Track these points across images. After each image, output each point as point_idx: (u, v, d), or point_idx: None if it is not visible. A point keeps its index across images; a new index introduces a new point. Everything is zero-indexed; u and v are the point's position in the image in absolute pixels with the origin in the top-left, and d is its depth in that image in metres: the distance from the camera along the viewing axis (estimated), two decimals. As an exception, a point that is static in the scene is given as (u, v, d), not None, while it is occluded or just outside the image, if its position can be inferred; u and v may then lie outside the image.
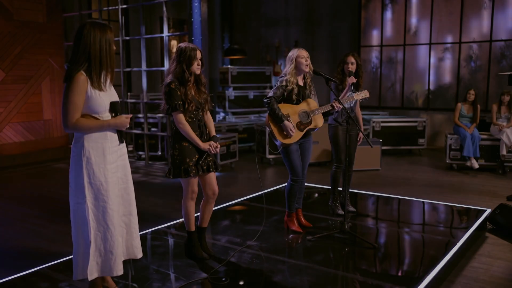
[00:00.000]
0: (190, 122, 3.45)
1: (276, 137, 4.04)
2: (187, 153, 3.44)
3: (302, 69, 4.10)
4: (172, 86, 3.38)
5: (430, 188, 6.52)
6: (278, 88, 4.07)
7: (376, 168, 7.68)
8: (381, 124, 8.95)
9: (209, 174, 3.59)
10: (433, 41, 10.06)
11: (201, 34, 7.31)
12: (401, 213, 5.17)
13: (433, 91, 10.21)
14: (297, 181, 4.18)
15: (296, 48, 4.23)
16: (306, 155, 4.24)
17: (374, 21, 10.73)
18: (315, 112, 4.13)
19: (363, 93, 4.35)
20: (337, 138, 4.67)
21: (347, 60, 4.63)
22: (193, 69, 3.43)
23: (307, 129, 4.14)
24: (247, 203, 5.44)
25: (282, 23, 11.98)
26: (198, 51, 3.45)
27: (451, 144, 7.65)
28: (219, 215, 4.91)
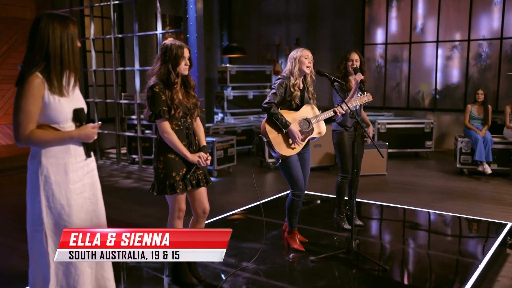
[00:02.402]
0: (177, 130, 3.03)
1: (275, 149, 3.62)
2: (173, 166, 3.02)
3: (303, 69, 3.68)
4: (156, 90, 2.96)
5: (441, 195, 6.10)
6: (278, 91, 3.65)
7: (382, 173, 7.26)
8: (387, 126, 8.53)
9: (199, 190, 3.17)
10: (441, 39, 9.63)
11: (197, 32, 6.87)
12: (413, 227, 4.75)
13: (440, 91, 9.78)
14: (300, 195, 3.76)
15: (300, 47, 3.80)
16: (306, 165, 3.82)
17: (378, 18, 10.30)
18: (318, 118, 3.71)
19: (366, 96, 3.92)
20: (343, 146, 4.25)
21: (350, 57, 4.21)
22: (180, 70, 3.01)
23: (308, 139, 3.72)
24: (244, 215, 5.02)
25: (283, 20, 11.55)
26: (186, 49, 3.03)
27: (462, 148, 7.22)
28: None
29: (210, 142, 7.20)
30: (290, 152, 3.64)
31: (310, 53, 3.74)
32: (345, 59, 4.24)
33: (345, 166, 4.29)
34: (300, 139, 3.61)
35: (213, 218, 4.92)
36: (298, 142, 3.61)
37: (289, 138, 3.63)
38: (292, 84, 3.66)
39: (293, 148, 3.65)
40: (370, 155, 7.06)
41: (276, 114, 3.59)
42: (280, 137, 3.63)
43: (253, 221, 4.80)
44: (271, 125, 3.65)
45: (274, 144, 3.61)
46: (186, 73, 3.05)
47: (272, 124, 3.64)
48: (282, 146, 3.63)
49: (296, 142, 3.61)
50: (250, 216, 4.95)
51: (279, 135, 3.63)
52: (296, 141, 3.60)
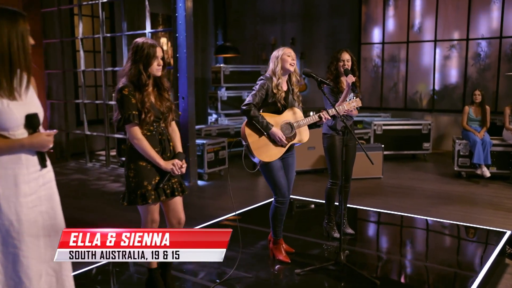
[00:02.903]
0: (148, 136, 2.82)
1: (253, 153, 3.41)
2: (145, 174, 2.81)
3: (287, 68, 3.46)
4: (125, 92, 2.74)
5: (438, 200, 5.89)
6: (258, 92, 3.43)
7: (378, 176, 7.04)
8: (383, 127, 8.31)
9: (174, 199, 2.95)
10: (439, 38, 9.42)
11: (186, 31, 6.67)
12: (407, 236, 4.53)
13: (438, 91, 9.57)
14: (283, 202, 3.55)
15: (284, 47, 3.58)
16: (290, 171, 3.61)
17: (375, 17, 10.09)
18: (300, 123, 3.50)
19: (355, 101, 3.69)
20: (334, 150, 4.03)
21: (341, 57, 3.99)
22: (152, 71, 2.80)
23: (290, 144, 3.50)
24: (233, 221, 4.81)
25: (278, 19, 11.33)
26: (158, 48, 2.82)
27: (460, 150, 7.01)
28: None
29: (200, 144, 6.99)
30: (270, 158, 3.43)
31: (292, 51, 3.52)
32: (336, 59, 4.03)
33: (335, 172, 4.07)
34: (285, 140, 3.40)
35: (200, 225, 4.71)
36: (283, 142, 3.40)
37: (270, 142, 3.42)
38: (274, 85, 3.45)
39: (273, 154, 3.43)
40: (365, 158, 6.83)
41: (257, 117, 3.38)
42: (260, 141, 3.42)
43: (241, 229, 4.58)
44: (251, 128, 3.44)
45: (253, 148, 3.40)
46: (159, 74, 2.83)
47: (252, 127, 3.43)
48: (262, 151, 3.41)
49: (281, 143, 3.40)
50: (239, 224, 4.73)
51: (259, 139, 3.42)
52: (281, 142, 3.39)
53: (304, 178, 7.08)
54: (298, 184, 6.77)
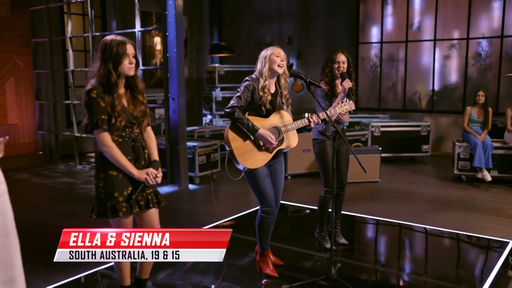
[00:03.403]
0: (120, 143, 2.59)
1: (237, 159, 3.17)
2: (115, 184, 2.57)
3: (275, 69, 3.23)
4: (93, 95, 2.51)
5: (437, 205, 5.65)
6: (243, 94, 3.21)
7: (375, 180, 6.81)
8: (381, 128, 8.07)
9: (149, 212, 2.72)
10: (438, 37, 9.18)
11: (176, 29, 6.43)
12: (404, 246, 4.30)
13: (438, 92, 9.33)
14: (270, 212, 3.32)
15: (273, 46, 3.35)
16: (278, 179, 3.37)
17: (373, 16, 9.85)
18: (288, 127, 3.26)
19: (348, 104, 3.45)
20: (325, 156, 3.79)
21: (337, 59, 3.76)
22: (123, 70, 2.57)
23: (277, 150, 3.27)
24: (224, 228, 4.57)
25: (275, 18, 11.10)
26: (129, 45, 2.58)
27: (460, 153, 6.77)
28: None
29: (191, 147, 6.75)
30: (255, 164, 3.20)
31: (282, 51, 3.29)
32: (331, 61, 3.79)
33: (328, 179, 3.83)
34: (274, 141, 3.17)
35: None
36: (273, 143, 3.16)
37: (255, 148, 3.19)
38: (261, 87, 3.22)
39: (258, 160, 3.20)
40: (362, 161, 6.60)
41: (241, 119, 3.15)
42: (245, 146, 3.19)
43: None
44: (235, 132, 3.21)
45: (237, 154, 3.17)
46: (131, 73, 2.60)
47: (237, 131, 3.21)
48: (246, 157, 3.18)
49: (271, 144, 3.16)
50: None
51: (244, 144, 3.19)
52: (270, 143, 3.15)
53: (299, 182, 6.85)
54: (293, 188, 6.55)
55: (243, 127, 3.14)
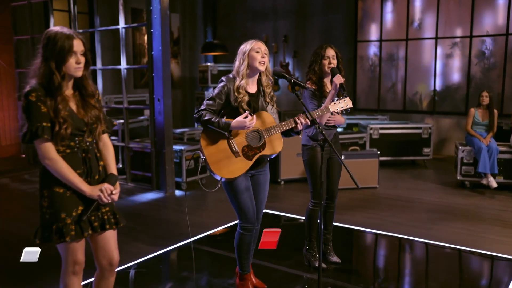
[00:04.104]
0: (68, 154, 2.19)
1: (211, 168, 2.79)
2: (62, 204, 2.19)
3: (255, 66, 2.85)
4: (32, 98, 2.12)
5: (439, 214, 5.26)
6: (216, 97, 2.83)
7: (373, 186, 6.41)
8: (380, 131, 7.68)
9: (104, 235, 2.33)
10: (440, 35, 8.78)
11: (161, 26, 6.03)
12: (404, 266, 3.91)
13: (439, 92, 8.94)
14: (250, 229, 2.93)
15: (253, 40, 2.96)
16: (261, 191, 2.99)
17: (372, 13, 9.45)
18: (271, 131, 2.87)
19: (343, 102, 3.06)
20: (315, 164, 3.40)
21: (326, 54, 3.37)
22: (69, 70, 2.18)
23: (258, 157, 2.88)
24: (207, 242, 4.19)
25: (270, 16, 10.70)
26: (78, 40, 2.20)
27: (463, 158, 6.37)
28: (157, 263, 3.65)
29: (178, 150, 6.36)
30: (232, 174, 2.81)
31: (263, 44, 2.90)
32: (320, 56, 3.40)
33: (317, 190, 3.44)
34: (250, 120, 2.75)
35: (165, 248, 4.11)
36: (247, 124, 2.73)
37: (231, 154, 2.80)
38: (236, 87, 2.83)
39: (236, 169, 2.81)
40: (359, 165, 6.23)
41: (210, 119, 2.76)
42: (219, 153, 2.80)
43: (211, 254, 3.97)
44: (208, 138, 2.84)
45: (211, 162, 2.79)
46: (78, 74, 2.21)
47: (210, 137, 2.83)
48: (221, 165, 2.80)
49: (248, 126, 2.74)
50: (206, 248, 4.11)
51: (218, 151, 2.81)
52: (250, 124, 2.74)
53: (292, 187, 6.46)
54: (285, 194, 6.17)
55: (214, 127, 2.76)
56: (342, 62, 3.43)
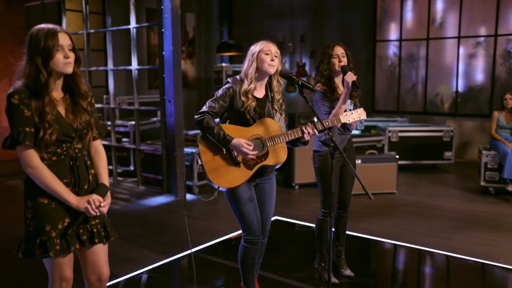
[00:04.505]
0: (54, 162, 2.03)
1: (208, 176, 2.62)
2: (47, 216, 2.02)
3: (264, 69, 2.65)
4: (14, 101, 1.96)
5: (461, 223, 4.98)
6: (220, 98, 2.64)
7: (392, 191, 6.15)
8: (399, 133, 7.40)
9: (93, 249, 2.16)
10: (463, 34, 8.45)
11: (172, 25, 5.88)
12: (423, 280, 3.66)
13: (462, 94, 8.60)
14: (254, 242, 2.73)
15: (263, 41, 2.76)
16: (266, 201, 2.79)
17: (392, 11, 9.16)
18: (275, 140, 2.66)
19: (356, 113, 2.83)
20: (326, 172, 3.18)
21: (334, 53, 3.16)
22: (56, 66, 2.00)
23: (260, 167, 2.67)
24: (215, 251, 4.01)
25: (287, 15, 10.49)
26: (63, 34, 2.02)
27: (487, 163, 6.06)
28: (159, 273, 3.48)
29: (190, 153, 6.20)
30: (230, 183, 2.62)
31: (274, 46, 2.71)
32: (328, 55, 3.18)
33: (328, 199, 3.22)
34: (251, 151, 2.58)
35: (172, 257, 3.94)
36: (249, 154, 2.57)
37: (231, 162, 2.61)
38: (243, 91, 2.64)
39: (234, 178, 2.62)
40: (377, 170, 5.99)
41: (212, 128, 2.58)
42: (218, 160, 2.62)
43: (219, 265, 3.79)
44: (205, 143, 2.65)
45: (208, 170, 2.61)
46: (68, 70, 2.03)
47: (208, 142, 2.65)
48: (219, 174, 2.61)
49: (247, 156, 2.58)
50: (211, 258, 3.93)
51: (216, 158, 2.62)
52: (246, 154, 2.57)
53: (307, 192, 6.23)
54: (299, 200, 5.95)
55: (213, 138, 2.58)
56: (352, 60, 3.21)
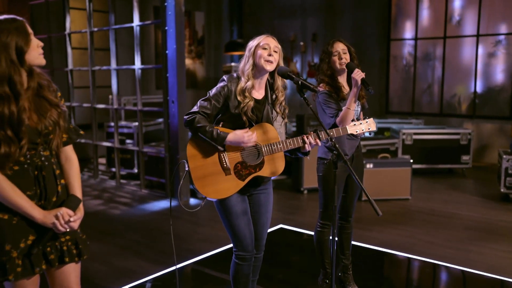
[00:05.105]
0: (15, 172, 1.79)
1: (195, 184, 2.36)
2: (7, 233, 1.78)
3: (261, 65, 2.39)
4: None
5: (479, 233, 4.66)
6: (213, 98, 2.39)
7: (405, 198, 5.83)
8: (414, 136, 7.07)
9: (63, 269, 1.91)
10: (482, 32, 8.09)
11: (176, 22, 5.65)
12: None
13: (480, 95, 8.24)
14: (246, 259, 2.48)
15: (262, 35, 2.51)
16: (262, 213, 2.53)
17: (407, 9, 8.83)
18: (272, 148, 2.39)
19: (365, 123, 2.54)
20: (329, 181, 2.90)
21: (334, 50, 2.89)
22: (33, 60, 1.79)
23: (253, 177, 2.41)
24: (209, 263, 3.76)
25: (298, 13, 10.21)
26: (19, 22, 1.79)
27: (508, 168, 5.71)
28: None
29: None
30: (218, 194, 2.37)
31: (274, 41, 2.45)
32: (327, 53, 2.90)
33: (328, 209, 2.95)
34: (252, 139, 2.31)
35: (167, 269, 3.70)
36: (251, 139, 2.31)
37: (221, 170, 2.35)
38: (239, 90, 2.38)
39: (223, 189, 2.36)
40: (390, 175, 5.68)
41: (203, 127, 2.32)
42: (207, 167, 2.36)
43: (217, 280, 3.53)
44: (196, 147, 2.39)
45: (194, 177, 2.35)
46: (43, 62, 1.83)
47: (198, 146, 2.39)
48: (207, 183, 2.36)
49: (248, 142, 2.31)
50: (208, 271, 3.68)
51: (206, 164, 2.36)
52: (248, 141, 2.31)
53: (316, 197, 5.92)
54: (308, 205, 5.68)
55: (207, 138, 2.31)
56: (356, 57, 2.92)
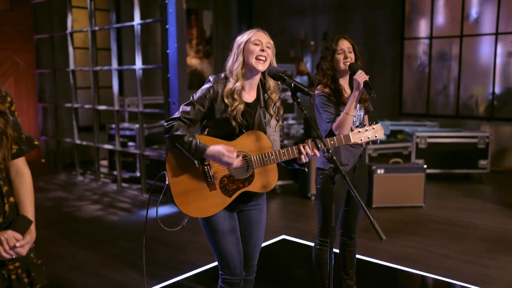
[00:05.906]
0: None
1: (175, 201, 2.10)
2: None
3: (251, 64, 2.12)
4: None
5: (497, 245, 4.34)
6: (197, 101, 2.11)
7: (418, 205, 5.51)
8: (428, 139, 6.74)
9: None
10: (501, 30, 7.77)
11: (177, 21, 5.42)
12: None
13: (499, 96, 7.89)
14: (234, 283, 2.21)
15: (252, 29, 2.24)
16: (252, 232, 2.26)
17: (422, 7, 8.52)
18: (264, 160, 2.11)
19: (372, 130, 2.24)
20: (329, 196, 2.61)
21: (338, 47, 2.61)
22: None
23: (240, 193, 2.13)
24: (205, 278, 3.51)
25: (308, 12, 9.93)
26: None
27: (529, 174, 5.36)
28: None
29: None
30: (202, 212, 2.10)
31: (266, 36, 2.20)
32: (331, 50, 2.62)
33: (326, 225, 2.66)
34: (236, 160, 2.03)
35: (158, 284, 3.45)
36: (235, 165, 2.03)
37: (205, 185, 2.08)
38: (227, 91, 2.11)
39: (208, 206, 2.09)
40: (402, 181, 5.38)
41: (181, 137, 2.04)
42: (188, 182, 2.10)
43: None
44: (176, 157, 2.13)
45: (175, 193, 2.10)
46: None
47: (177, 158, 2.13)
48: (189, 199, 2.10)
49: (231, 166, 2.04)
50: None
51: (187, 179, 2.10)
52: (230, 164, 2.03)
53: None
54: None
55: (184, 149, 2.04)
56: (360, 56, 2.64)
